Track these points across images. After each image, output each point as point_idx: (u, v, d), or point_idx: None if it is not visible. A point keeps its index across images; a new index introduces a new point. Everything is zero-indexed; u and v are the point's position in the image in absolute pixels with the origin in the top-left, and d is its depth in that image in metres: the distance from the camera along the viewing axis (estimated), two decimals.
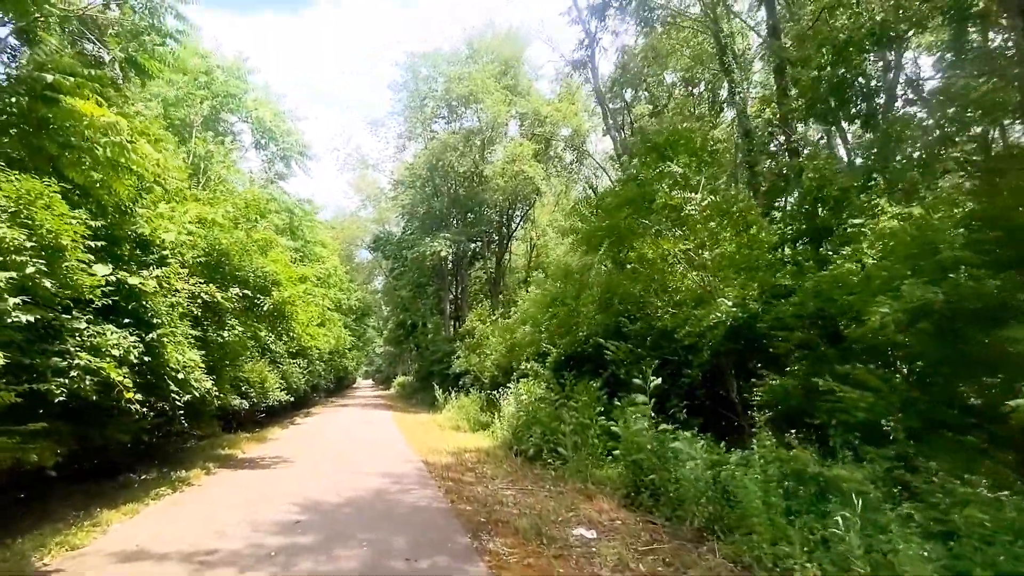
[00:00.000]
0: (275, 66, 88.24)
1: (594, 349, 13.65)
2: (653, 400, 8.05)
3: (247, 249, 10.33)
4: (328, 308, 25.03)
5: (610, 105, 23.15)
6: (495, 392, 19.86)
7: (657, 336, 12.30)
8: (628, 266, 11.12)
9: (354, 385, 71.74)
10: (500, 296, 31.67)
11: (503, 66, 30.21)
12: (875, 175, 8.04)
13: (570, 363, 14.25)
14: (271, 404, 18.30)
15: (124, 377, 6.06)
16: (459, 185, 31.42)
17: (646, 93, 27.74)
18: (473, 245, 33.10)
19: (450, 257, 31.99)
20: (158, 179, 9.67)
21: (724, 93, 25.58)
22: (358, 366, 59.11)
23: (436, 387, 26.02)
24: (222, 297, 9.46)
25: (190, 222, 9.79)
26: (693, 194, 10.26)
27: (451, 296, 36.25)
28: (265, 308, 10.00)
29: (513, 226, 34.34)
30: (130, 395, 6.11)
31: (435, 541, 6.08)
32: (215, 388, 9.24)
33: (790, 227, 9.41)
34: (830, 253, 7.80)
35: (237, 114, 17.05)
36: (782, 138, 12.87)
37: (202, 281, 9.52)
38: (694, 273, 10.27)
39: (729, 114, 24.00)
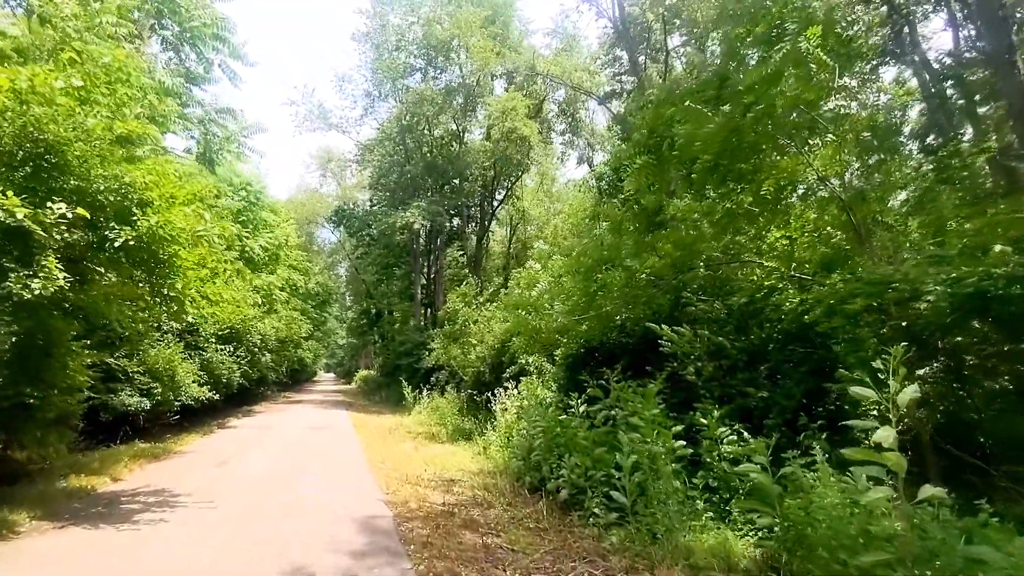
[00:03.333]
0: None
1: (636, 340, 9.68)
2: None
3: (98, 146, 5.95)
4: (276, 286, 20.52)
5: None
6: (479, 393, 15.85)
7: (742, 316, 8.48)
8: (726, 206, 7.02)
9: (314, 379, 66.77)
10: (480, 280, 27.47)
11: (491, 12, 25.80)
12: None
13: (592, 359, 10.29)
14: (187, 403, 13.80)
15: None
16: (437, 151, 27.03)
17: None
18: (450, 222, 28.76)
19: (423, 232, 27.64)
20: None
21: None
22: (316, 358, 54.16)
23: (404, 383, 21.71)
24: (26, 216, 5.08)
25: None
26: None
27: (423, 281, 31.79)
28: (118, 244, 5.62)
29: (496, 201, 30.06)
30: None
31: None
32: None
33: None
34: None
35: None
36: None
37: None
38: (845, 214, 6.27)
39: None
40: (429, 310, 31.43)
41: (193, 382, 13.60)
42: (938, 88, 9.57)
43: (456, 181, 27.41)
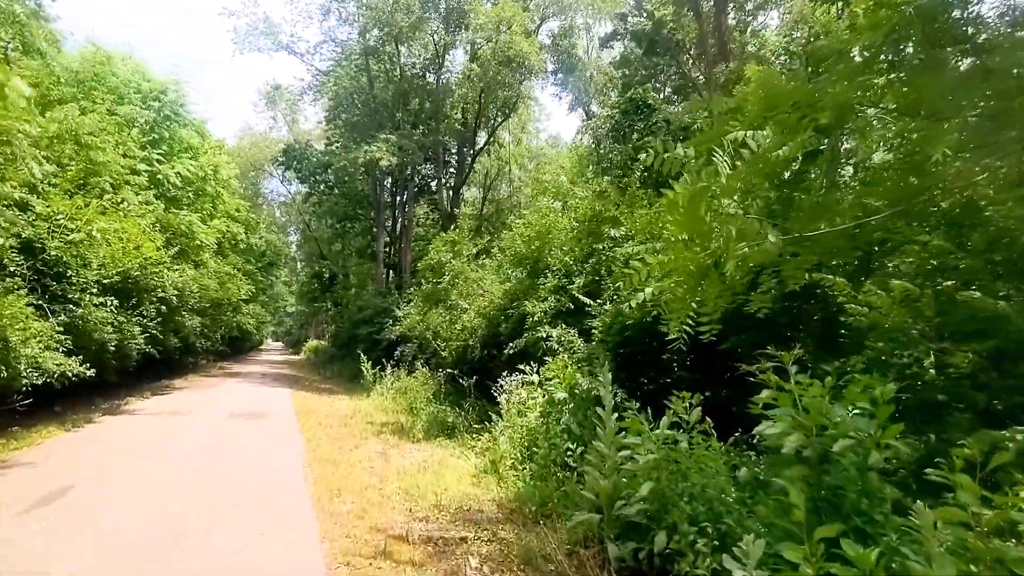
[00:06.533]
0: None
1: (772, 307, 5.71)
2: None
3: None
4: (208, 232, 15.82)
5: None
6: (465, 374, 11.95)
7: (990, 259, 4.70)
8: None
9: (261, 347, 61.22)
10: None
11: None
12: None
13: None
14: (48, 380, 9.22)
15: None
16: (407, 82, 22.35)
17: None
18: (421, 167, 24.14)
19: (389, 180, 23.05)
20: None
21: None
22: (261, 325, 48.75)
23: (362, 357, 17.43)
24: None
25: None
26: None
27: (386, 237, 27.13)
28: None
29: (477, 146, 25.57)
30: None
31: None
32: None
33: None
34: None
35: None
36: None
37: None
38: None
39: None
40: (393, 272, 26.99)
41: (47, 349, 9.00)
42: None
43: (431, 123, 22.86)
